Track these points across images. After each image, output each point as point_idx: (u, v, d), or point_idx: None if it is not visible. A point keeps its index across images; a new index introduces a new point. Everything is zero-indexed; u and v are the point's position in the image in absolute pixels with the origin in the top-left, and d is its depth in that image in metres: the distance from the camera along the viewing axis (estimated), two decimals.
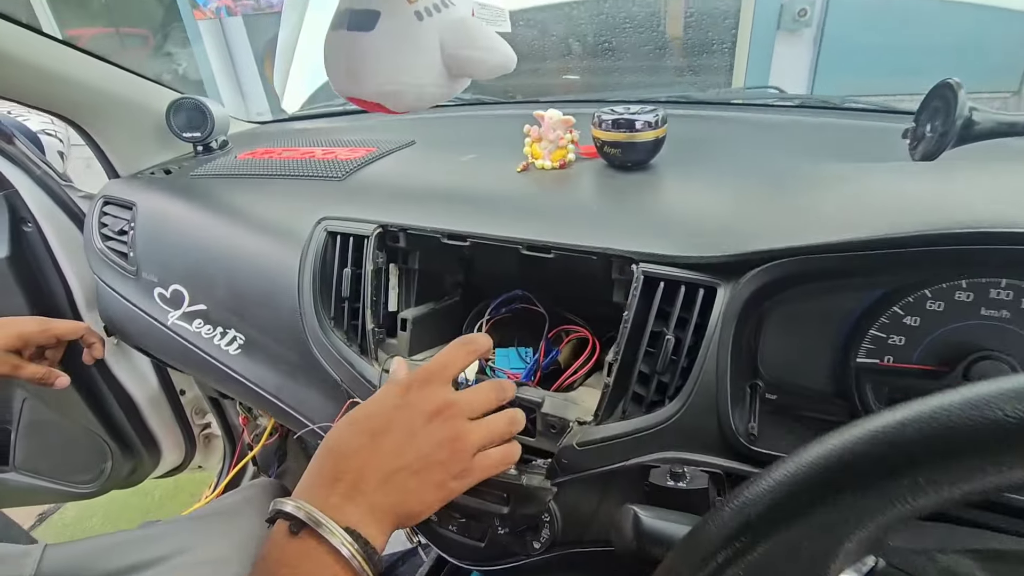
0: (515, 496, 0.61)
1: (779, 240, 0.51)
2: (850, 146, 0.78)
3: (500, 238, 0.65)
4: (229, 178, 0.93)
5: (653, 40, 1.69)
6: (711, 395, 0.53)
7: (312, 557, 0.41)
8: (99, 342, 0.98)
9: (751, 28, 2.15)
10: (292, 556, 0.41)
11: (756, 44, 2.18)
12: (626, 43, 1.68)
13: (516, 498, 0.62)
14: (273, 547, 0.43)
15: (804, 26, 2.37)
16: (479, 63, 0.35)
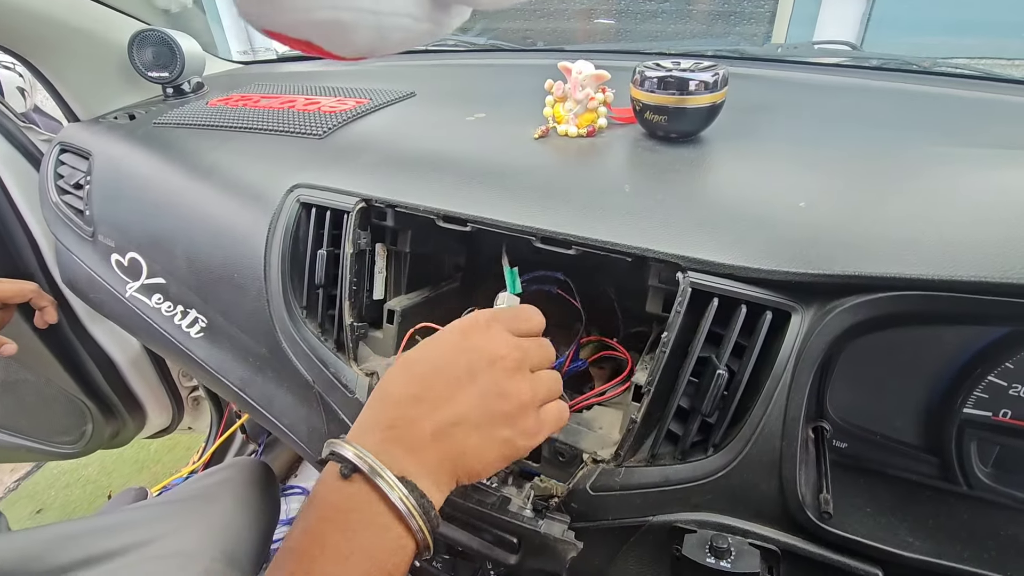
0: (528, 545, 0.50)
1: (903, 262, 0.37)
2: (955, 123, 0.62)
3: (508, 225, 0.51)
4: (194, 128, 0.79)
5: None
6: (773, 450, 0.41)
7: (363, 507, 0.35)
8: (51, 305, 0.88)
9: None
10: (342, 502, 0.36)
11: None
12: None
13: (529, 548, 0.50)
14: (322, 490, 0.37)
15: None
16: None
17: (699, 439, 0.46)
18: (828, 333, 0.39)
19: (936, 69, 0.81)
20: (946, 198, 0.42)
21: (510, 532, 0.49)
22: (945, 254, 0.36)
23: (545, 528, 0.48)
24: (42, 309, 0.89)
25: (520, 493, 0.51)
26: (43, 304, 0.89)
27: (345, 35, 0.20)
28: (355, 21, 0.20)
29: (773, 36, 1.75)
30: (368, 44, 0.21)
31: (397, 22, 0.21)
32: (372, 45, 0.21)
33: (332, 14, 0.19)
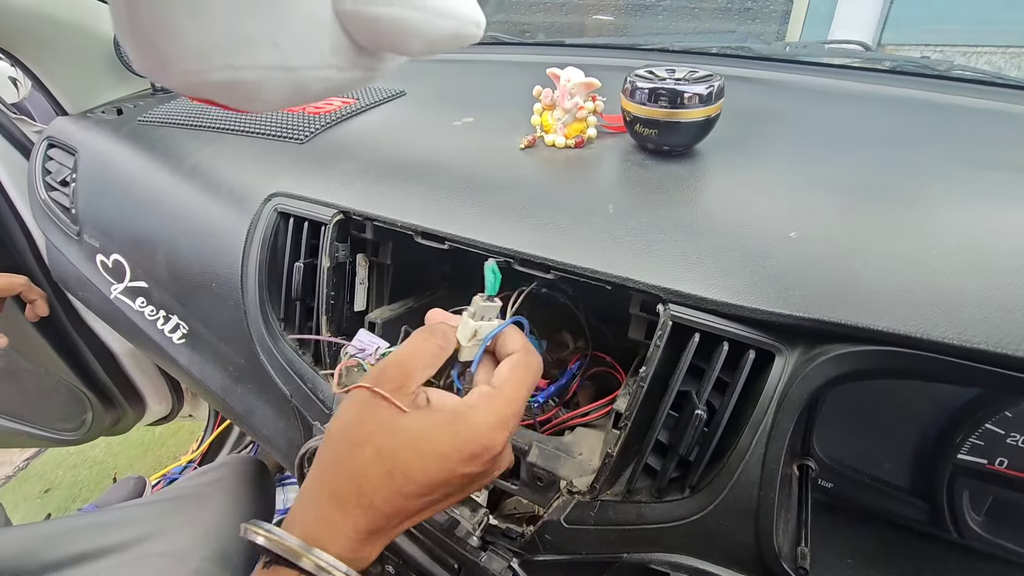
0: (467, 573, 0.49)
1: (896, 316, 0.34)
2: (972, 140, 0.58)
3: (486, 246, 0.49)
4: (178, 127, 0.77)
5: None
6: (751, 498, 0.39)
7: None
8: (41, 299, 0.87)
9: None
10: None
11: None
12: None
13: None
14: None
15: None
16: (412, 31, 0.18)
17: (677, 476, 0.44)
18: (812, 381, 0.36)
19: (953, 74, 0.76)
20: (951, 240, 0.39)
21: (453, 556, 0.48)
22: (940, 308, 0.33)
23: (485, 562, 0.47)
24: (32, 303, 0.89)
25: (472, 517, 0.49)
26: (33, 297, 0.88)
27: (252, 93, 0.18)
28: (260, 79, 0.17)
29: (787, 35, 1.68)
30: (284, 99, 0.19)
31: (316, 74, 0.19)
32: (289, 99, 0.19)
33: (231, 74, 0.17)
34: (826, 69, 0.82)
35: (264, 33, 0.16)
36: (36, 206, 0.89)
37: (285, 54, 0.17)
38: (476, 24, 0.20)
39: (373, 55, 0.20)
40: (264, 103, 0.19)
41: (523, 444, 0.51)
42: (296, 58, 0.18)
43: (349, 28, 0.18)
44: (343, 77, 0.20)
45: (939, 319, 0.32)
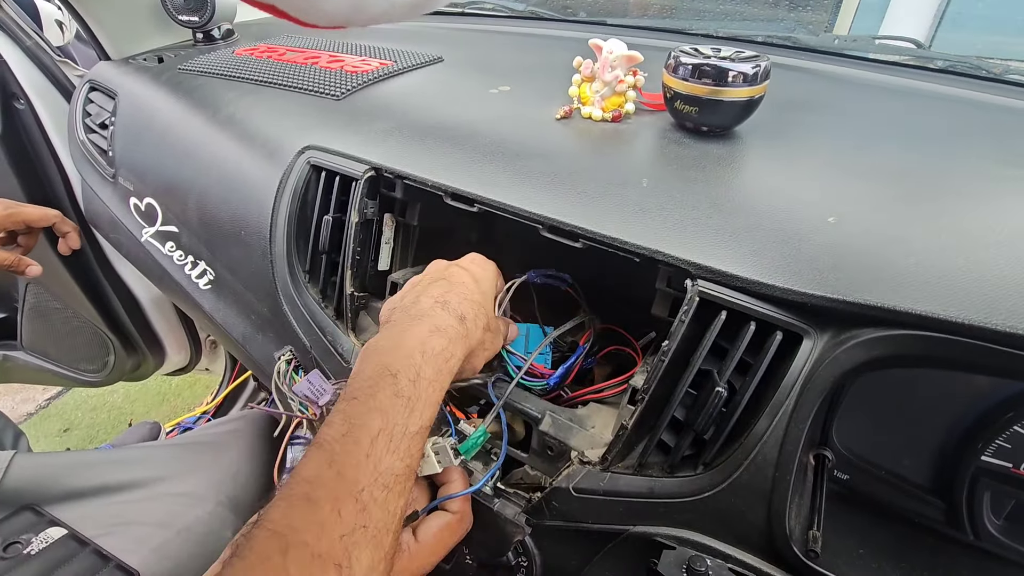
0: (480, 520, 0.50)
1: (924, 299, 0.33)
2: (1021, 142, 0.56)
3: (515, 210, 0.49)
4: (217, 78, 0.77)
5: None
6: (766, 478, 0.39)
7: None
8: (73, 231, 0.89)
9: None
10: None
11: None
12: None
13: (481, 523, 0.51)
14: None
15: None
16: None
17: (690, 453, 0.44)
18: (839, 365, 0.36)
19: (1008, 77, 0.73)
20: (993, 232, 0.38)
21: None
22: (981, 296, 0.32)
23: (499, 507, 0.48)
24: (65, 235, 0.91)
25: (485, 470, 0.50)
26: (66, 230, 0.90)
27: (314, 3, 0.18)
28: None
29: (836, 26, 1.62)
30: (343, 14, 0.19)
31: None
32: (347, 15, 0.19)
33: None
34: (875, 64, 0.79)
35: None
36: (75, 147, 0.91)
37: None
38: None
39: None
40: (324, 15, 0.19)
41: (536, 413, 0.51)
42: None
43: None
44: None
45: (980, 306, 0.31)
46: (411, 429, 0.38)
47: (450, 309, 0.44)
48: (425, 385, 0.39)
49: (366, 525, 0.33)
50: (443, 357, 0.41)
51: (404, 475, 0.37)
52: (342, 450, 0.35)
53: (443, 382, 0.41)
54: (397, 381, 0.38)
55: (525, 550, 0.50)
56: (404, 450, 0.37)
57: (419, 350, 0.40)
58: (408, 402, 0.38)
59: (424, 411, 0.39)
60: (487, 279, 0.51)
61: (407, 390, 0.38)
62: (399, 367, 0.39)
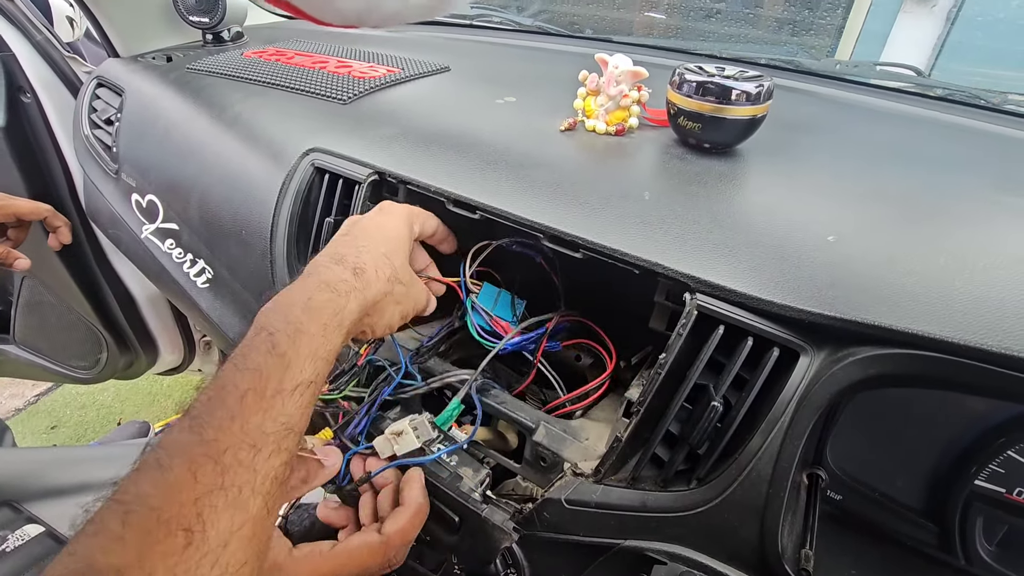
0: (468, 527, 0.50)
1: (923, 319, 0.33)
2: (1018, 171, 0.57)
3: (517, 219, 0.49)
4: (225, 78, 0.78)
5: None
6: (759, 495, 0.39)
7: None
8: (65, 226, 0.89)
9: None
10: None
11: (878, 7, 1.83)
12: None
13: (468, 529, 0.50)
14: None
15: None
16: None
17: (684, 468, 0.44)
18: (836, 383, 0.36)
19: (1006, 107, 0.75)
20: (989, 256, 0.38)
21: (454, 510, 0.49)
22: (978, 318, 0.32)
23: (487, 513, 0.47)
24: (56, 230, 0.91)
25: (475, 476, 0.50)
26: (57, 224, 0.90)
27: (329, 1, 0.18)
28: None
29: (838, 51, 1.66)
30: (355, 12, 0.19)
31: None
32: (360, 14, 0.19)
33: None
34: (876, 90, 0.80)
35: None
36: (79, 142, 0.91)
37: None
38: None
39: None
40: (337, 13, 0.19)
41: (530, 423, 0.51)
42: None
43: None
44: (414, 1, 0.20)
45: (976, 327, 0.31)
46: (286, 386, 0.36)
47: (345, 263, 0.43)
48: (307, 340, 0.38)
49: (225, 487, 0.31)
50: (330, 311, 0.40)
51: (278, 434, 0.35)
52: (206, 412, 0.33)
53: (332, 337, 0.40)
54: (273, 338, 0.37)
55: (514, 561, 0.49)
56: (278, 408, 0.35)
57: (300, 306, 0.39)
58: (283, 359, 0.36)
59: (305, 366, 0.37)
60: (393, 226, 0.49)
61: (283, 346, 0.36)
62: (277, 325, 0.37)
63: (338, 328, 0.40)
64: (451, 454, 0.52)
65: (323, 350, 0.39)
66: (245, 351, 0.36)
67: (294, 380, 0.36)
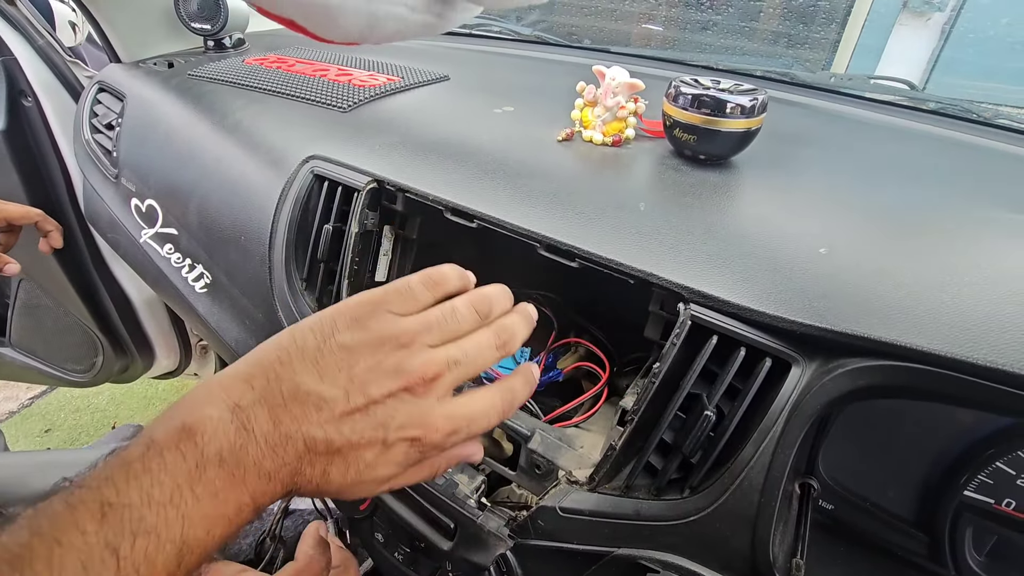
0: (463, 533, 0.50)
1: (913, 331, 0.34)
2: (1010, 185, 0.58)
3: (514, 227, 0.49)
4: (225, 85, 0.79)
5: None
6: (751, 504, 0.39)
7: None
8: (56, 230, 0.88)
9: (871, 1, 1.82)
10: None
11: (873, 21, 1.86)
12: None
13: (464, 536, 0.50)
14: None
15: (935, 10, 2.03)
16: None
17: (678, 477, 0.44)
18: (826, 393, 0.36)
19: (998, 121, 0.76)
20: (979, 271, 0.39)
21: (450, 517, 0.49)
22: (966, 331, 0.33)
23: (482, 520, 0.48)
24: (47, 234, 0.90)
25: (470, 483, 0.50)
26: (49, 229, 0.89)
27: (332, 19, 0.19)
28: (342, 5, 0.18)
29: (833, 65, 1.68)
30: (357, 31, 0.20)
31: (391, 11, 0.20)
32: (362, 32, 0.20)
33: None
34: (870, 103, 0.82)
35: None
36: (80, 146, 0.92)
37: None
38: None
39: (446, 2, 0.21)
40: (340, 31, 0.19)
41: (526, 430, 0.51)
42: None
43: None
44: (414, 19, 0.21)
45: (965, 340, 0.32)
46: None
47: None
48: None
49: None
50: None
51: None
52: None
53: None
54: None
55: (508, 569, 0.49)
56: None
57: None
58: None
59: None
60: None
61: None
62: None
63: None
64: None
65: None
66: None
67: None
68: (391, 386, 0.30)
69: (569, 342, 0.67)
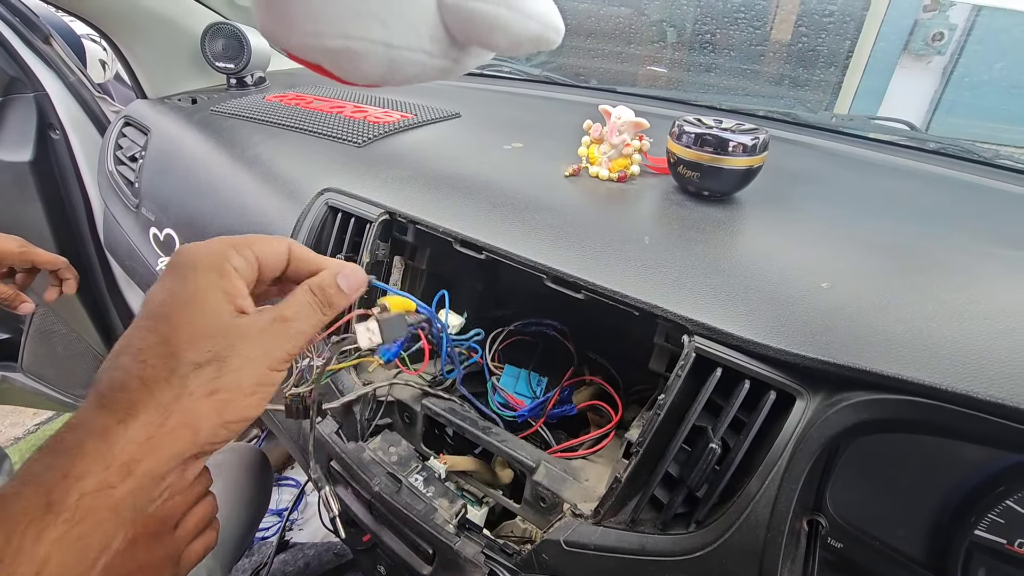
0: (442, 558, 0.50)
1: (913, 366, 0.35)
2: (1008, 222, 0.59)
3: (522, 259, 0.51)
4: (246, 121, 0.82)
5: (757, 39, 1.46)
6: (757, 539, 0.39)
7: None
8: (74, 279, 0.91)
9: (872, 45, 1.87)
10: None
11: (874, 64, 1.90)
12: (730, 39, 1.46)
13: (442, 561, 0.50)
14: None
15: (936, 53, 2.07)
16: (501, 28, 0.21)
17: (684, 511, 0.44)
18: (831, 427, 0.36)
19: (997, 161, 0.77)
20: (978, 306, 0.40)
21: (428, 542, 0.49)
22: (966, 366, 0.33)
23: (459, 546, 0.48)
24: (64, 281, 0.92)
25: (450, 508, 0.50)
26: (68, 277, 0.92)
27: (355, 64, 0.20)
28: (366, 51, 0.20)
29: (837, 106, 1.72)
30: (379, 74, 0.21)
31: (410, 56, 0.21)
32: (383, 76, 0.21)
33: (343, 43, 0.19)
34: (871, 143, 0.83)
35: (377, 11, 0.19)
36: (103, 177, 0.95)
37: (390, 32, 0.20)
38: (556, 31, 0.23)
39: (462, 48, 0.23)
40: (362, 75, 0.21)
41: (531, 462, 0.51)
42: (399, 38, 0.20)
43: (447, 19, 0.21)
44: (432, 64, 0.22)
45: (964, 374, 0.32)
46: None
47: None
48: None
49: None
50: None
51: None
52: None
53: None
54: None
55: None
56: None
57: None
58: None
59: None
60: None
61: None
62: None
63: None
64: (427, 485, 0.53)
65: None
66: None
67: None
68: None
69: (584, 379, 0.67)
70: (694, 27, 1.31)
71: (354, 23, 0.19)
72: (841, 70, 1.72)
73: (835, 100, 1.68)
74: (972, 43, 2.04)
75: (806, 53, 1.69)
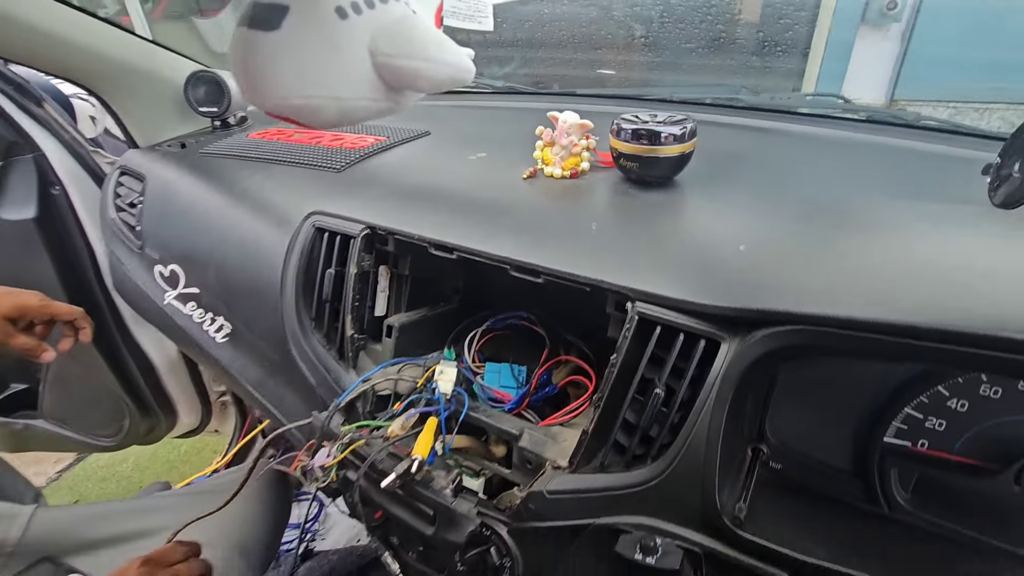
0: (441, 517, 0.57)
1: (797, 301, 0.42)
2: (920, 178, 0.67)
3: (488, 255, 0.58)
4: (234, 158, 0.90)
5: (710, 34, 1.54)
6: (698, 461, 0.46)
7: None
8: (89, 327, 0.98)
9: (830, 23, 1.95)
10: None
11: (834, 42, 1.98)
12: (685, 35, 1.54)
13: (442, 520, 0.57)
14: None
15: (893, 20, 2.14)
16: (421, 76, 0.28)
17: (643, 452, 0.51)
18: (744, 360, 0.44)
19: (920, 123, 0.85)
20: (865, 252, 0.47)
21: (429, 506, 0.57)
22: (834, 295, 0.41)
23: (455, 505, 0.55)
24: (80, 330, 0.98)
25: (446, 477, 0.58)
26: (84, 326, 0.98)
27: (316, 115, 0.28)
28: (322, 105, 0.27)
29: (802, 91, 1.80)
30: (335, 120, 0.29)
31: (357, 104, 0.29)
32: (339, 121, 0.29)
33: (303, 100, 0.27)
34: (806, 118, 0.91)
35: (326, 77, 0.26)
36: (106, 224, 1.02)
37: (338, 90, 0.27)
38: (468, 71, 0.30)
39: (398, 92, 0.30)
40: (322, 122, 0.28)
41: (515, 431, 0.59)
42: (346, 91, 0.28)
43: (382, 73, 0.28)
44: (376, 107, 0.30)
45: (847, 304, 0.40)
46: None
47: None
48: None
49: None
50: None
51: None
52: None
53: None
54: None
55: (508, 551, 0.56)
56: None
57: None
58: None
59: None
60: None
61: None
62: None
63: None
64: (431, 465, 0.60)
65: None
66: None
67: None
68: None
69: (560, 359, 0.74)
70: (648, 28, 1.40)
71: (312, 86, 0.26)
72: (801, 56, 1.80)
73: (800, 84, 1.75)
74: (926, 5, 2.09)
75: (763, 42, 1.76)
